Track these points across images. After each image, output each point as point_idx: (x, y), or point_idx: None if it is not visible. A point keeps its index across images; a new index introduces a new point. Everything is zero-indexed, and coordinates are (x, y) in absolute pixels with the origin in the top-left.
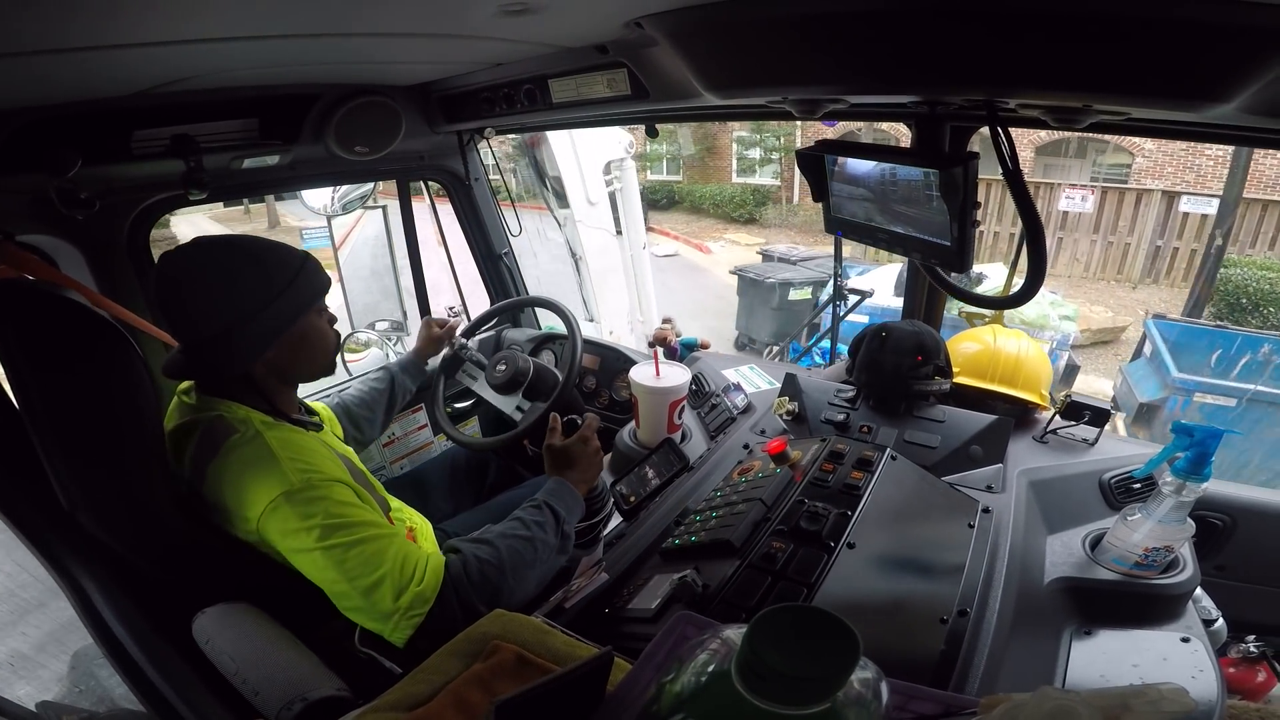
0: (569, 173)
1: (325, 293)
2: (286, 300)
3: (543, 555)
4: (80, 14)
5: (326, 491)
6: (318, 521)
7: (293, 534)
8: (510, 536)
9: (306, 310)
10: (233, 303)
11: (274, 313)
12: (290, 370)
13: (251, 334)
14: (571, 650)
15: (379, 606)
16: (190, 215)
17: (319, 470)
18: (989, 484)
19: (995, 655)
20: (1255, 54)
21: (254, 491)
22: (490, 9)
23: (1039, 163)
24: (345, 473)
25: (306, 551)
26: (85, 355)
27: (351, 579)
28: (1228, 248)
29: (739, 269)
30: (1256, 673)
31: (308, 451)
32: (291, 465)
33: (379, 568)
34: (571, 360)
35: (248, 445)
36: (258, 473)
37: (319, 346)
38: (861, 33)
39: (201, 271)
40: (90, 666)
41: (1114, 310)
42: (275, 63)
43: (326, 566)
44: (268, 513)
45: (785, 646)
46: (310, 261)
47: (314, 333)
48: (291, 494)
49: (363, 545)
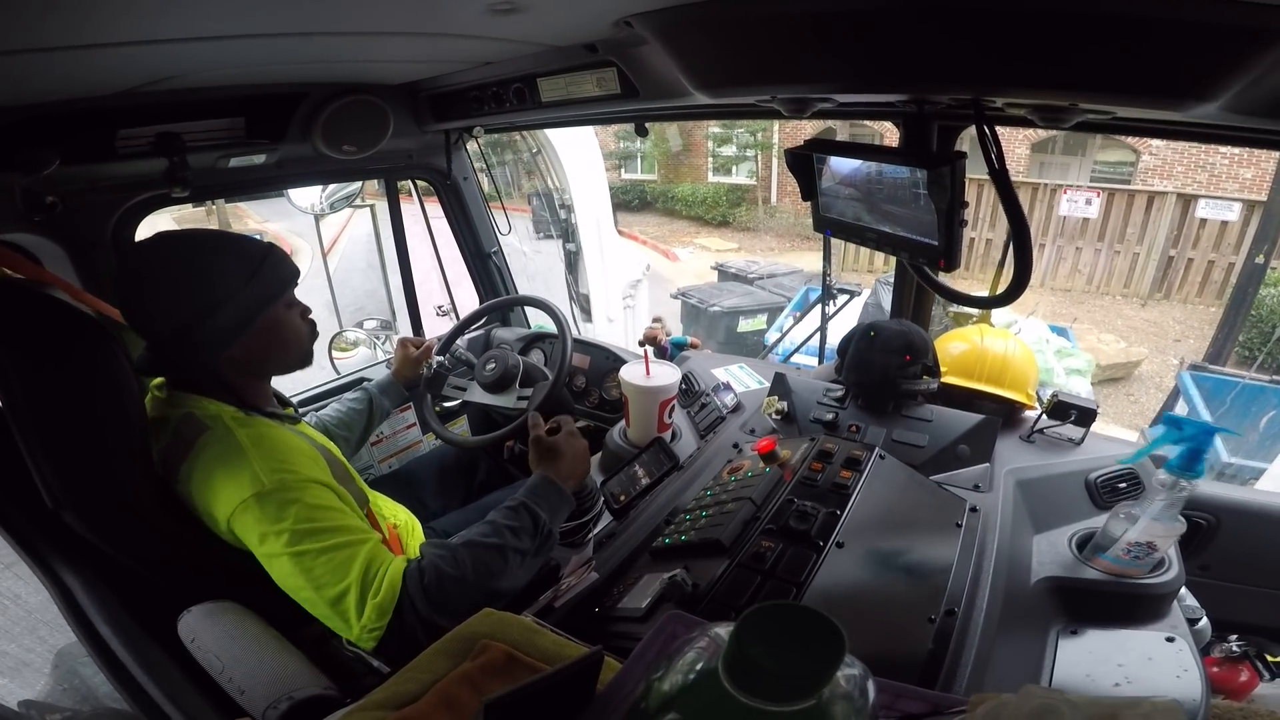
0: (596, 292)
1: (292, 284)
2: (250, 293)
3: (513, 563)
4: (56, 13)
5: (300, 494)
6: (288, 526)
7: (263, 537)
8: (478, 545)
9: (273, 303)
10: (194, 297)
11: (237, 306)
12: (259, 365)
13: (214, 329)
14: (561, 649)
15: (345, 616)
16: (151, 217)
17: (294, 470)
18: (976, 483)
19: (982, 654)
20: (1239, 53)
21: (225, 490)
22: (479, 8)
23: (1034, 160)
24: (324, 469)
25: (275, 556)
26: (68, 353)
27: (318, 588)
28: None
29: (682, 291)
30: (1240, 672)
31: (283, 448)
32: (264, 465)
33: (345, 578)
34: (562, 359)
35: (219, 443)
36: (229, 471)
37: (289, 340)
38: (849, 32)
39: (162, 266)
40: (74, 665)
41: (1123, 335)
42: (262, 61)
43: (294, 573)
44: (239, 513)
45: (771, 643)
46: (275, 252)
47: (282, 326)
48: (263, 495)
49: (332, 554)
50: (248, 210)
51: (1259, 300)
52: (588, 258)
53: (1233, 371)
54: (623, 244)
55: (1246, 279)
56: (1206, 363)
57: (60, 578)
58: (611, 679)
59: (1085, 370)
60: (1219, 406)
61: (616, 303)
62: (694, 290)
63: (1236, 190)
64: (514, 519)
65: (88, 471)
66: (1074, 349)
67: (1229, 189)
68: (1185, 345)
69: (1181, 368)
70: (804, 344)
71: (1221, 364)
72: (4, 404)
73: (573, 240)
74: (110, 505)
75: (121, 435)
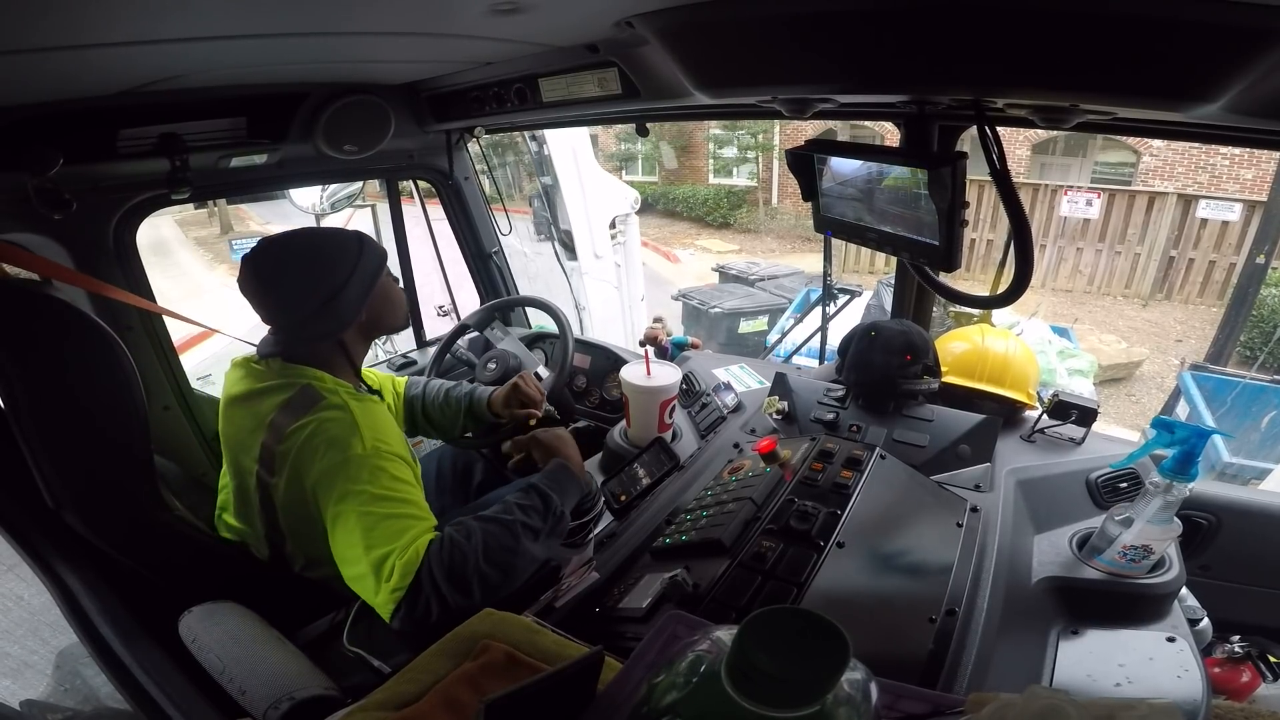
0: (579, 227)
1: (386, 257)
2: (363, 268)
3: (525, 539)
4: (58, 12)
5: (388, 464)
6: (368, 488)
7: (343, 494)
8: (490, 520)
9: (380, 273)
10: (325, 279)
11: (359, 279)
12: (378, 326)
13: (346, 302)
14: (562, 649)
15: (380, 575)
16: (152, 217)
17: (389, 443)
18: (977, 483)
19: (983, 654)
20: (1240, 54)
21: (329, 452)
22: (480, 8)
23: (1035, 161)
24: (408, 448)
25: (346, 511)
26: (70, 353)
27: (370, 546)
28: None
29: (683, 293)
30: (1241, 673)
31: (384, 423)
32: (369, 433)
33: (394, 543)
34: (563, 359)
35: (336, 411)
36: (337, 436)
37: (397, 301)
38: (850, 32)
39: (289, 261)
40: (76, 665)
41: (1124, 335)
42: (263, 61)
43: (355, 528)
44: (331, 471)
45: (775, 649)
46: (365, 237)
47: (391, 290)
48: (360, 458)
49: (394, 520)
50: (249, 211)
51: (1260, 300)
52: (566, 192)
53: (1234, 372)
54: (605, 176)
55: (1247, 279)
56: (1208, 363)
57: (62, 579)
58: (612, 679)
59: (1088, 371)
60: (1220, 407)
61: (603, 238)
62: (695, 292)
63: (1237, 191)
64: (525, 498)
65: (88, 472)
66: (1076, 350)
67: (1230, 189)
68: (1186, 345)
69: (1183, 368)
70: (804, 344)
71: (1223, 364)
72: (5, 404)
73: (548, 173)
74: (111, 506)
75: (122, 435)
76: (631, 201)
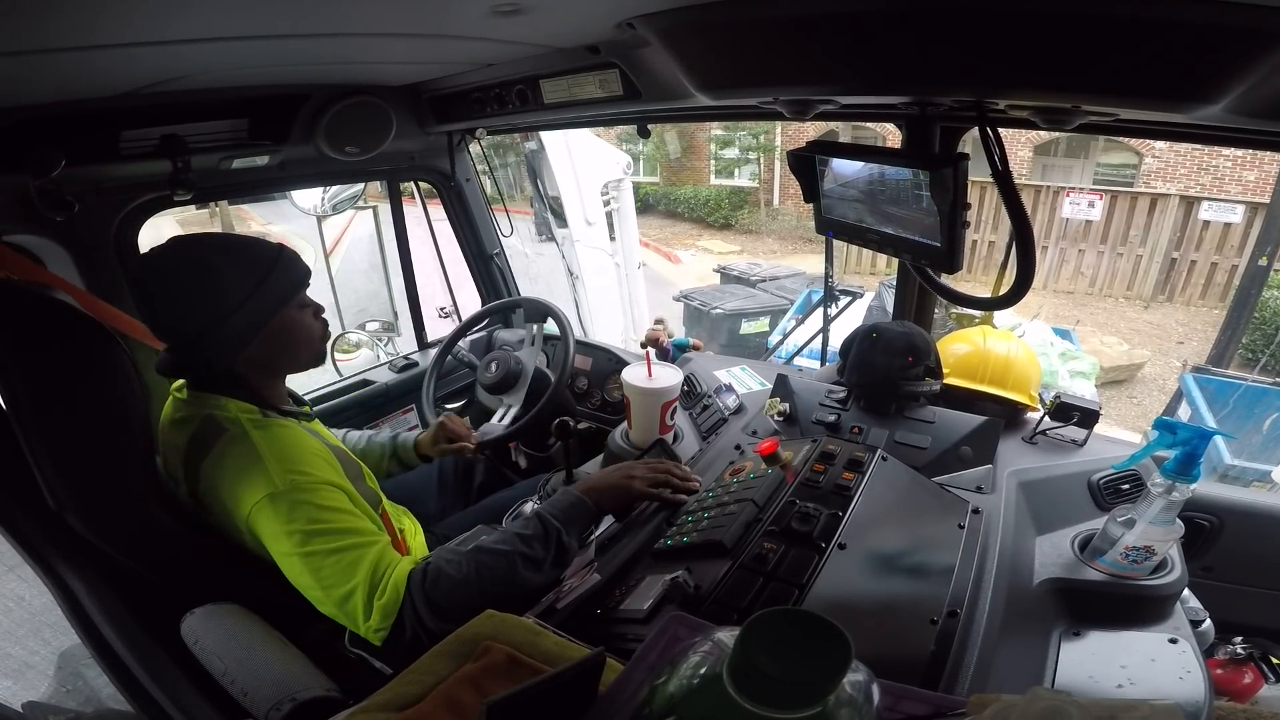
0: (568, 193)
1: (304, 285)
2: (264, 294)
3: (522, 569)
4: (60, 14)
5: (311, 495)
6: (299, 527)
7: (275, 536)
8: (485, 550)
9: (286, 303)
10: (211, 300)
11: (253, 308)
12: (275, 364)
13: (231, 330)
14: (563, 651)
15: (352, 617)
16: (154, 219)
17: (306, 472)
18: (979, 485)
19: (985, 656)
20: (1242, 55)
21: (242, 492)
22: (481, 9)
23: (1037, 163)
24: (337, 470)
25: (287, 555)
26: (72, 355)
27: (326, 587)
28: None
29: (684, 294)
30: (1243, 674)
31: (297, 450)
32: (277, 467)
33: (352, 578)
34: (564, 361)
35: (237, 444)
36: (245, 474)
37: (302, 340)
38: (852, 33)
39: (177, 271)
40: (77, 666)
41: (1126, 337)
42: (265, 63)
43: (304, 572)
44: (254, 513)
45: (778, 651)
46: (285, 255)
47: (295, 327)
48: (275, 496)
49: (340, 554)
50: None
51: (1262, 302)
52: (552, 155)
53: (1236, 374)
54: (594, 140)
55: (1249, 281)
56: (1209, 365)
57: (64, 580)
58: (613, 680)
59: (1090, 373)
60: (1222, 409)
61: (595, 203)
62: (696, 293)
63: (1239, 193)
64: (525, 526)
65: (90, 473)
66: (1078, 351)
67: (1232, 191)
68: (1188, 347)
69: (1184, 370)
70: (806, 345)
71: (1224, 366)
72: (7, 405)
73: (533, 138)
74: (113, 507)
75: (124, 437)
76: (624, 166)
